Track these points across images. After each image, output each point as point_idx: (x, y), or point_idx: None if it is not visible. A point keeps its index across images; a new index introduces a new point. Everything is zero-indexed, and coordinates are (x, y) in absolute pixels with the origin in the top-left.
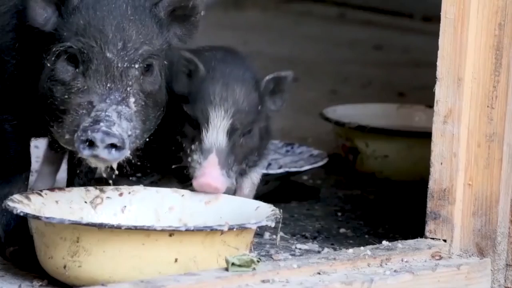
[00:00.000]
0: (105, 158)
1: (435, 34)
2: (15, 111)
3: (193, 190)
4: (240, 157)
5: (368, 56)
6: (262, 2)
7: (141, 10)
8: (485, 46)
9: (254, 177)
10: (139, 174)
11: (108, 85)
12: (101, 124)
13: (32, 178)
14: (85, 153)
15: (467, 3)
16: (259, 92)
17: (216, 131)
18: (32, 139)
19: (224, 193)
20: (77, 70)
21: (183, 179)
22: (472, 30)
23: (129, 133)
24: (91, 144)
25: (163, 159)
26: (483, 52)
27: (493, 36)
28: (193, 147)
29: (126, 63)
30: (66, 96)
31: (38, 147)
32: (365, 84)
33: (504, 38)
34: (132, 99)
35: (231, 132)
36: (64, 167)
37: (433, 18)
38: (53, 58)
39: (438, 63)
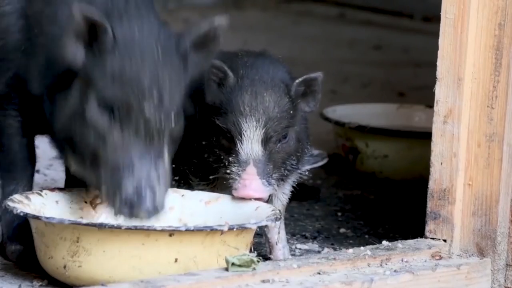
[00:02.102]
0: (144, 219)
1: (435, 34)
2: (21, 108)
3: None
4: (278, 163)
5: (368, 56)
6: (262, 2)
7: (170, 53)
8: (485, 46)
9: (286, 190)
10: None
11: (147, 143)
12: (146, 197)
13: (37, 176)
14: (125, 214)
15: (467, 3)
16: (290, 96)
17: (251, 142)
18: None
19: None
20: (112, 122)
21: (203, 178)
22: (472, 30)
23: (166, 194)
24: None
25: (201, 170)
26: (483, 52)
27: (493, 36)
28: (230, 159)
29: (162, 119)
30: (101, 148)
31: (38, 147)
32: (365, 84)
33: (504, 38)
34: (166, 154)
35: (266, 141)
36: (63, 167)
37: (433, 18)
38: (82, 96)
39: (438, 63)
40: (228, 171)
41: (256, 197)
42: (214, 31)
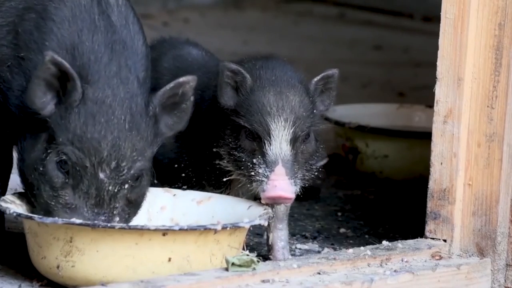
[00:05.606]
0: None
1: (435, 34)
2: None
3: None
4: (302, 164)
5: (368, 56)
6: (262, 2)
7: (139, 119)
8: (485, 46)
9: None
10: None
11: (96, 210)
12: None
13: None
14: None
15: (467, 3)
16: (310, 95)
17: (279, 142)
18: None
19: None
20: (67, 181)
21: (216, 185)
22: (472, 30)
23: None
24: None
25: (213, 174)
26: (483, 52)
27: (493, 36)
28: (254, 160)
29: (117, 186)
30: (53, 203)
31: None
32: (365, 84)
33: (504, 38)
34: (116, 219)
35: (294, 140)
36: None
37: (433, 18)
38: (46, 146)
39: (438, 63)
40: (253, 173)
41: (286, 197)
42: (181, 88)
